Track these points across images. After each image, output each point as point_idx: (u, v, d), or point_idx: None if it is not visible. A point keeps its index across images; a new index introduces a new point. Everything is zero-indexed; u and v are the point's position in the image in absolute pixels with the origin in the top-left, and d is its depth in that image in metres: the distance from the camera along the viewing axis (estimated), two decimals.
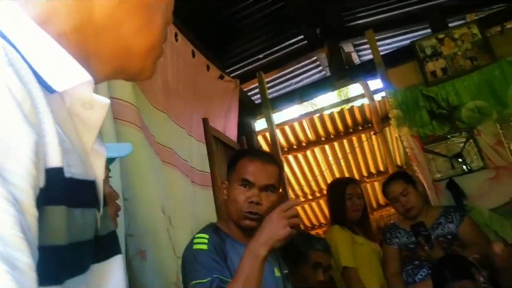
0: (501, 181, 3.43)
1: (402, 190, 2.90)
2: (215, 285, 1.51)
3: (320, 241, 2.44)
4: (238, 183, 1.73)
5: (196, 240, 1.67)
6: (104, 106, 0.58)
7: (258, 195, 1.69)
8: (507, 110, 3.56)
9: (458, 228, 2.81)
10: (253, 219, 1.68)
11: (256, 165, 1.74)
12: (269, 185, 1.72)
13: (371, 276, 2.92)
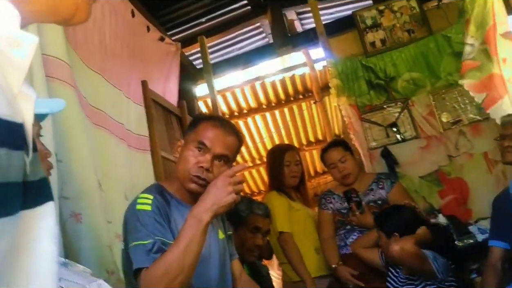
0: (431, 150, 3.59)
1: (340, 157, 2.98)
2: (157, 247, 1.49)
3: (260, 206, 2.48)
4: (194, 145, 1.69)
5: (140, 200, 1.64)
6: (32, 45, 0.54)
7: (210, 162, 1.66)
8: (439, 82, 3.70)
9: (388, 194, 2.93)
10: (199, 184, 1.65)
11: (217, 132, 1.70)
12: (224, 155, 1.69)
13: (306, 241, 3.00)
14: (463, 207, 3.41)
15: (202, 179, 1.64)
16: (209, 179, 1.64)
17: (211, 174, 1.65)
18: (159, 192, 1.69)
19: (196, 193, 1.66)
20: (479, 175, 3.45)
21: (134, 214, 1.61)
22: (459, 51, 3.59)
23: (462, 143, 3.54)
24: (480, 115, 3.55)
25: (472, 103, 3.57)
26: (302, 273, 2.86)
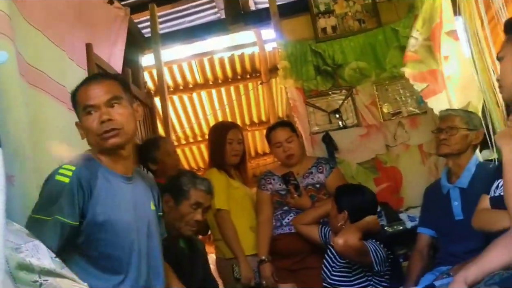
0: (370, 139, 3.71)
1: (287, 137, 3.00)
2: (55, 227, 1.52)
3: (204, 182, 2.45)
4: (84, 113, 1.69)
5: (61, 171, 1.62)
6: None
7: (106, 113, 1.66)
8: (384, 73, 3.82)
9: (326, 178, 2.99)
10: (113, 136, 1.66)
11: (90, 87, 1.71)
12: (110, 99, 1.69)
13: (242, 219, 3.02)
14: (395, 195, 3.56)
15: (111, 129, 1.66)
16: (118, 126, 1.66)
17: (115, 121, 1.67)
18: (86, 162, 1.68)
19: (118, 146, 1.68)
20: (413, 165, 3.62)
21: (50, 183, 1.61)
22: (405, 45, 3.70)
23: (400, 134, 3.68)
24: (419, 109, 3.70)
25: (412, 97, 3.72)
26: (236, 250, 2.88)
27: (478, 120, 2.48)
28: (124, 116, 1.69)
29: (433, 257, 2.55)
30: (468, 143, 2.42)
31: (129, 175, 1.79)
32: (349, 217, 2.50)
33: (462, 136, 2.41)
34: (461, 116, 2.46)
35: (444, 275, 2.23)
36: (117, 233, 1.66)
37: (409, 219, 3.11)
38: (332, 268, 2.54)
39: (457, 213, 2.38)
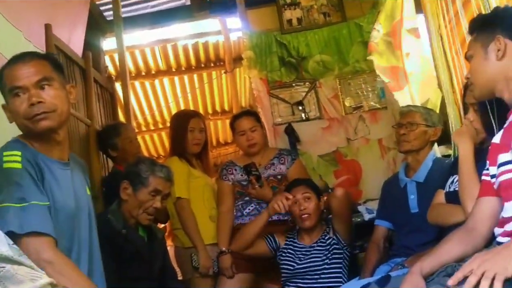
0: (332, 132, 3.77)
1: (251, 126, 3.00)
2: (32, 212, 1.45)
3: (163, 169, 2.42)
4: (11, 95, 1.58)
5: (6, 158, 1.51)
6: None
7: (36, 95, 1.55)
8: (347, 68, 3.88)
9: (288, 170, 3.01)
10: (44, 118, 1.56)
11: (17, 67, 1.59)
12: (40, 80, 1.58)
13: (202, 208, 3.00)
14: (354, 188, 3.63)
15: (42, 112, 1.56)
16: (47, 109, 1.56)
17: (45, 104, 1.56)
18: (24, 147, 1.58)
19: (50, 130, 1.59)
20: (372, 159, 3.70)
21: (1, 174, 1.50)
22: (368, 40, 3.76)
23: (360, 128, 3.75)
24: (379, 104, 3.79)
25: (374, 91, 3.80)
26: (196, 239, 2.87)
27: (437, 117, 2.55)
28: (56, 98, 1.59)
29: (389, 249, 2.61)
30: (426, 139, 2.49)
31: (65, 160, 1.70)
32: None
33: (421, 132, 2.47)
34: (421, 112, 2.52)
35: (399, 266, 2.29)
36: (59, 222, 1.58)
37: (367, 212, 3.17)
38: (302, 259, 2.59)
39: (413, 206, 2.44)
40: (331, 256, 2.57)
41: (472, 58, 1.50)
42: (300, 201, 2.57)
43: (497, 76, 1.45)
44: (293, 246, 2.66)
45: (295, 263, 2.61)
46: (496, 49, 1.45)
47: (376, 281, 1.59)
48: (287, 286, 2.63)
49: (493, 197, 1.50)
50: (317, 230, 2.64)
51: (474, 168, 1.78)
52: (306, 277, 2.57)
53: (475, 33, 1.52)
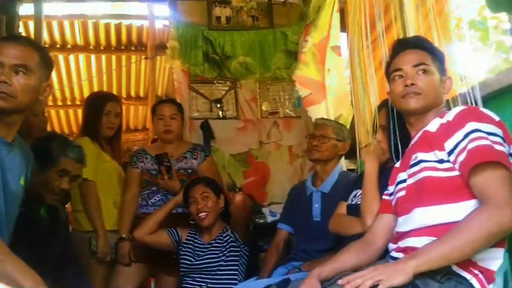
0: (246, 133, 3.86)
1: (172, 114, 2.98)
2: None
3: (75, 150, 2.30)
4: None
5: None
6: None
7: (7, 75, 1.56)
8: (268, 73, 4.00)
9: (199, 165, 3.03)
10: (1, 98, 1.55)
11: (5, 45, 1.62)
12: (19, 65, 1.59)
13: (107, 193, 2.94)
14: (261, 190, 3.74)
15: (1, 92, 1.56)
16: (11, 94, 1.57)
17: (12, 88, 1.57)
18: None
19: (2, 111, 1.56)
20: (281, 164, 3.84)
21: None
22: (291, 50, 3.91)
23: (274, 132, 3.88)
24: (294, 112, 3.94)
25: (290, 100, 3.94)
26: (97, 223, 2.81)
27: (347, 132, 2.71)
28: (23, 89, 1.59)
29: (288, 252, 2.72)
30: (336, 152, 2.63)
31: (8, 140, 1.66)
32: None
33: (332, 145, 2.61)
34: (333, 126, 2.66)
35: (295, 269, 2.41)
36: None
37: (271, 214, 3.28)
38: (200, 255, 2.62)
39: (316, 214, 2.57)
40: (227, 253, 2.61)
41: (431, 73, 1.58)
42: (198, 200, 2.61)
43: (437, 101, 1.59)
44: (193, 242, 2.69)
45: (192, 259, 2.63)
46: (444, 83, 1.60)
47: (276, 283, 1.67)
48: (184, 280, 2.65)
49: (391, 214, 1.65)
50: (216, 228, 2.68)
51: (377, 186, 1.92)
52: (203, 272, 2.60)
53: (431, 54, 1.61)
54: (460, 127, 1.41)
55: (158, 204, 2.89)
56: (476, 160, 1.34)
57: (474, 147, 1.36)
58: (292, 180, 3.75)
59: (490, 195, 1.30)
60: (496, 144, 1.36)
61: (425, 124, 1.56)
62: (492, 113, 1.46)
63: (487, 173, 1.33)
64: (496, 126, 1.40)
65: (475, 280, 1.32)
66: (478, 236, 1.27)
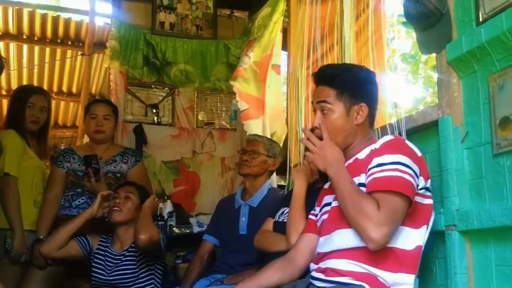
0: (180, 141, 3.85)
1: (106, 114, 2.93)
2: None
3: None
4: None
5: None
6: None
7: None
8: (207, 83, 4.03)
9: (129, 170, 2.98)
10: None
11: None
12: None
13: (28, 191, 2.83)
14: (190, 199, 3.74)
15: None
16: None
17: None
18: None
19: None
20: (212, 175, 3.86)
21: None
22: (232, 63, 3.96)
23: (208, 143, 3.90)
24: (230, 125, 3.99)
25: (227, 112, 3.98)
26: (15, 221, 2.68)
27: (278, 150, 2.77)
28: None
29: (211, 264, 2.73)
30: (265, 167, 2.68)
31: None
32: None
33: (262, 160, 2.66)
34: (264, 143, 2.71)
35: (218, 282, 2.42)
36: None
37: (198, 225, 3.28)
38: (112, 268, 2.51)
39: (242, 228, 2.60)
40: (142, 266, 2.50)
41: (331, 112, 1.61)
42: (119, 196, 2.54)
43: (352, 134, 1.63)
44: (104, 252, 2.56)
45: (104, 272, 2.50)
46: (357, 113, 1.62)
47: None
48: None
49: (315, 234, 1.70)
50: (129, 236, 2.52)
51: (304, 205, 1.98)
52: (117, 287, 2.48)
53: (336, 89, 1.62)
54: (379, 155, 1.49)
55: (82, 207, 2.80)
56: (379, 187, 1.43)
57: (381, 176, 1.45)
58: (222, 192, 3.77)
59: (380, 211, 1.38)
60: (405, 174, 1.43)
61: (356, 153, 1.63)
62: (415, 148, 1.55)
63: (384, 195, 1.42)
64: (412, 160, 1.48)
65: None
66: (352, 206, 1.43)
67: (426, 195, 1.53)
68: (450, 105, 1.63)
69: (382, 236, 1.37)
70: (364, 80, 1.67)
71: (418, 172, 1.48)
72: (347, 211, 1.45)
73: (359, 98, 1.63)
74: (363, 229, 1.39)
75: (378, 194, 1.42)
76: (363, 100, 1.63)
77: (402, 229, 1.46)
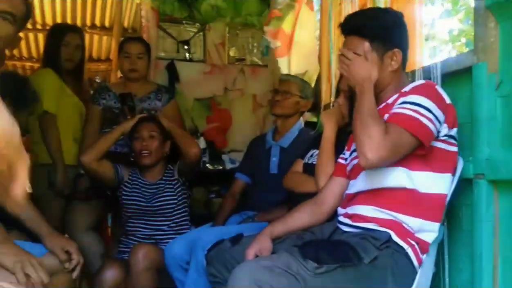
0: (212, 78, 3.84)
1: (139, 52, 2.94)
2: None
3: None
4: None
5: None
6: None
7: None
8: (239, 18, 3.94)
9: (163, 107, 3.03)
10: None
11: None
12: (8, 12, 1.52)
13: (67, 128, 2.92)
14: (222, 136, 3.78)
15: None
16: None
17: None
18: None
19: None
20: (244, 112, 3.87)
21: None
22: None
23: (239, 80, 3.88)
24: (261, 61, 3.93)
25: (258, 48, 3.92)
26: (56, 157, 2.80)
27: (310, 91, 2.75)
28: (2, 33, 1.52)
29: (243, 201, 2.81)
30: (297, 108, 2.68)
31: None
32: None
33: (294, 101, 2.65)
34: (297, 83, 2.69)
35: (249, 219, 2.51)
36: None
37: (230, 161, 3.35)
38: (152, 196, 2.59)
39: (273, 167, 2.65)
40: (179, 195, 2.57)
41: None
42: (143, 138, 2.51)
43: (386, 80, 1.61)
44: (137, 182, 2.60)
45: (143, 200, 2.56)
46: (391, 59, 1.59)
47: (230, 239, 1.75)
48: (131, 222, 2.57)
49: (343, 178, 1.74)
50: (159, 168, 2.59)
51: (333, 149, 2.00)
52: (156, 215, 2.54)
53: (366, 39, 1.59)
54: (405, 95, 1.51)
55: (119, 144, 2.87)
56: (392, 119, 1.46)
57: (398, 112, 1.46)
58: (254, 129, 3.80)
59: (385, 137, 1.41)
60: (423, 117, 1.44)
61: (387, 98, 1.62)
62: (444, 95, 1.53)
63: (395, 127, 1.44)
64: (436, 105, 1.47)
65: (411, 250, 1.45)
66: (361, 124, 1.45)
67: (451, 142, 1.54)
68: (485, 52, 1.58)
69: (377, 158, 1.40)
70: (393, 25, 1.63)
71: (441, 119, 1.48)
72: (355, 127, 1.48)
73: (391, 44, 1.60)
74: (362, 144, 1.42)
75: (389, 124, 1.44)
76: (395, 45, 1.61)
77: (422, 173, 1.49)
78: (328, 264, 1.34)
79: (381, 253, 1.41)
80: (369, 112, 1.47)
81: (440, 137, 1.50)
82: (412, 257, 1.44)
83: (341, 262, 1.36)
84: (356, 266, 1.38)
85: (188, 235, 2.40)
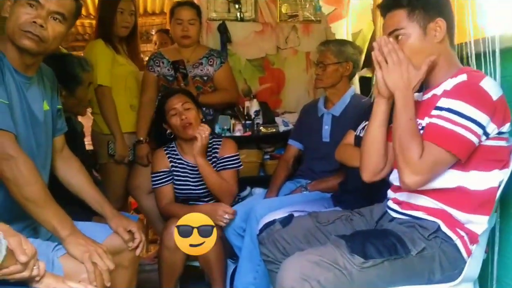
0: (264, 37, 3.77)
1: (190, 18, 2.96)
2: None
3: (87, 62, 2.51)
4: (26, 0, 1.55)
5: None
6: None
7: (44, 18, 1.55)
8: None
9: (215, 72, 3.04)
10: (31, 39, 1.55)
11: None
12: (59, 12, 1.58)
13: (124, 96, 2.99)
14: (276, 96, 3.76)
15: (35, 35, 1.55)
16: (43, 37, 1.56)
17: (45, 32, 1.56)
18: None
19: (29, 50, 1.57)
20: (297, 71, 3.80)
21: None
22: None
23: (292, 38, 3.79)
24: (314, 16, 3.79)
25: (311, 3, 3.77)
26: (114, 128, 2.90)
27: (350, 51, 2.62)
28: (55, 35, 1.58)
29: (296, 168, 2.83)
30: (339, 75, 2.60)
31: (29, 75, 1.68)
32: None
33: (332, 70, 2.58)
34: (331, 50, 2.59)
35: (302, 188, 2.54)
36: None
37: (283, 124, 3.35)
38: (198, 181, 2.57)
39: (325, 136, 2.63)
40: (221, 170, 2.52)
41: (406, 36, 1.49)
42: (180, 111, 2.47)
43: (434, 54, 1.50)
44: (180, 164, 2.58)
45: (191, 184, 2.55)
46: (435, 30, 1.49)
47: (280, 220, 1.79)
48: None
49: None
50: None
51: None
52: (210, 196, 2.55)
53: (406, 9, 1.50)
54: (446, 97, 1.43)
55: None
56: (429, 136, 1.42)
57: (436, 124, 1.41)
58: (307, 88, 3.74)
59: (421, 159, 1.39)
60: (461, 128, 1.37)
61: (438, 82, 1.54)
62: (491, 90, 1.41)
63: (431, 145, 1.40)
64: (479, 108, 1.37)
65: (460, 242, 1.43)
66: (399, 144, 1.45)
67: (502, 138, 1.46)
68: None
69: (413, 183, 1.41)
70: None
71: (485, 122, 1.39)
72: (395, 145, 1.47)
73: (433, 13, 1.50)
74: (400, 170, 1.43)
75: (426, 143, 1.40)
76: (438, 14, 1.50)
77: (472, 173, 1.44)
78: (375, 258, 1.36)
79: (429, 243, 1.41)
80: (406, 126, 1.43)
81: (488, 137, 1.42)
82: (461, 249, 1.43)
83: (388, 256, 1.37)
84: (403, 258, 1.39)
85: (245, 204, 2.51)
